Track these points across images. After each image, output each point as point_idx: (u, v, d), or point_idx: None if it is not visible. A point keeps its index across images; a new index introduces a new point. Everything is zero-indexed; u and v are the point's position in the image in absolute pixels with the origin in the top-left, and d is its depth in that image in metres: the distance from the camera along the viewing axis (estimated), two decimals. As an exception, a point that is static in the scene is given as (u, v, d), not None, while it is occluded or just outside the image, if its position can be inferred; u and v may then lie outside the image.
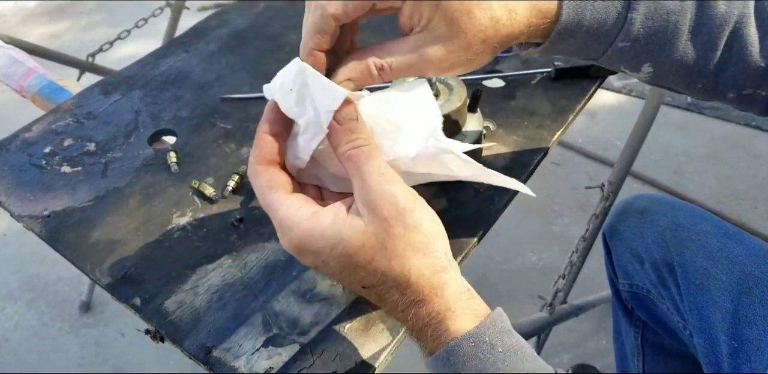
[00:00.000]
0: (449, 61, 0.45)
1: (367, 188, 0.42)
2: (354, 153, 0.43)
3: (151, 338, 0.57)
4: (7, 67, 0.81)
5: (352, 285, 0.45)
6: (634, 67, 0.51)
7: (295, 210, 0.43)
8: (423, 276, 0.42)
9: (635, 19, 0.47)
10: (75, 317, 1.51)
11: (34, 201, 0.67)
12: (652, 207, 0.82)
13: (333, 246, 0.42)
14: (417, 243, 0.42)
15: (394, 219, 0.42)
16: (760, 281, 0.65)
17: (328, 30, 0.45)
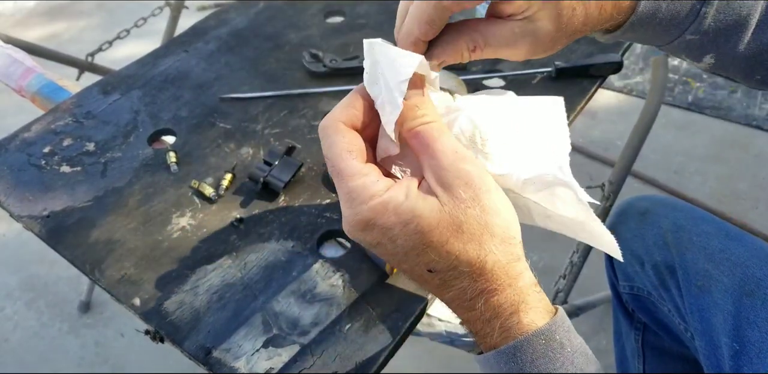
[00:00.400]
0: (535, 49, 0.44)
1: (441, 166, 0.40)
2: (422, 129, 0.40)
3: (151, 338, 0.57)
4: (6, 67, 0.81)
5: (414, 268, 0.41)
6: (697, 57, 0.50)
7: (371, 183, 0.40)
8: (499, 263, 0.40)
9: (708, 13, 0.46)
10: (74, 317, 1.51)
11: (34, 202, 0.66)
12: (652, 209, 0.82)
13: (406, 223, 0.39)
14: (495, 228, 0.40)
15: (471, 201, 0.39)
16: (762, 283, 0.65)
17: (439, 21, 0.42)
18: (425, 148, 0.40)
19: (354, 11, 0.91)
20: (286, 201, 0.66)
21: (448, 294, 0.41)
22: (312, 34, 0.87)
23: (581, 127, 1.87)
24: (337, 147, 0.40)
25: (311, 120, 0.75)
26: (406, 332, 0.55)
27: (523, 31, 0.44)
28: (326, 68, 0.79)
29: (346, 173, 0.40)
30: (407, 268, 0.42)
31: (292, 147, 0.68)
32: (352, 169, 0.40)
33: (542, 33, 0.44)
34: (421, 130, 0.41)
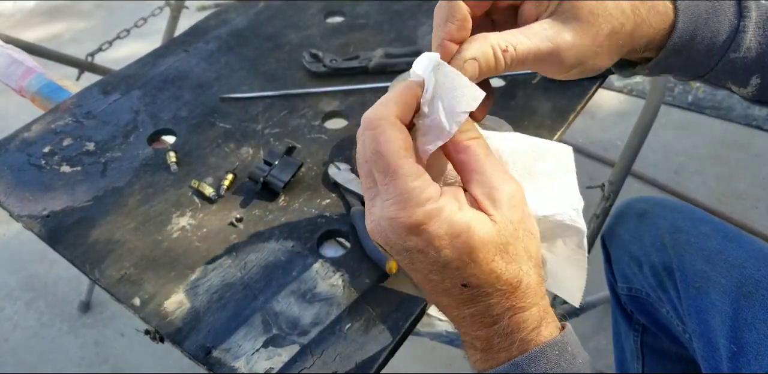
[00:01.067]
0: (575, 49, 0.42)
1: (493, 184, 0.39)
2: (472, 144, 0.40)
3: (151, 338, 0.57)
4: (6, 67, 0.81)
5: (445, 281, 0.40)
6: (743, 82, 0.49)
7: (427, 186, 0.38)
8: (531, 283, 0.40)
9: (747, 26, 0.46)
10: (74, 317, 1.51)
11: (34, 201, 0.66)
12: (650, 210, 0.82)
13: (457, 235, 0.37)
14: (532, 251, 0.40)
15: (518, 223, 0.39)
16: (760, 284, 0.65)
17: (461, 18, 0.41)
18: (474, 163, 0.40)
19: (354, 11, 0.91)
20: (286, 201, 0.66)
21: (471, 310, 0.41)
22: (312, 34, 0.87)
23: (581, 127, 1.87)
24: (394, 143, 0.38)
25: (311, 120, 0.75)
26: (406, 332, 0.55)
27: (552, 27, 0.42)
28: (326, 68, 0.79)
29: (403, 172, 0.38)
30: (437, 280, 0.40)
31: (292, 147, 0.68)
32: (410, 169, 0.38)
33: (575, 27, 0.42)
34: (471, 145, 0.40)
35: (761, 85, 0.50)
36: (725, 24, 0.46)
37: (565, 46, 0.42)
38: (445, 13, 0.41)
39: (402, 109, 0.39)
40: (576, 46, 0.42)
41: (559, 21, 0.42)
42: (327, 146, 0.71)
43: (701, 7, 0.46)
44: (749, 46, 0.47)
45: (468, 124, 0.41)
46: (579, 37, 0.42)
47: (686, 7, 0.46)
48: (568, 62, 0.43)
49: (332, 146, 0.71)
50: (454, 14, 0.41)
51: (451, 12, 0.41)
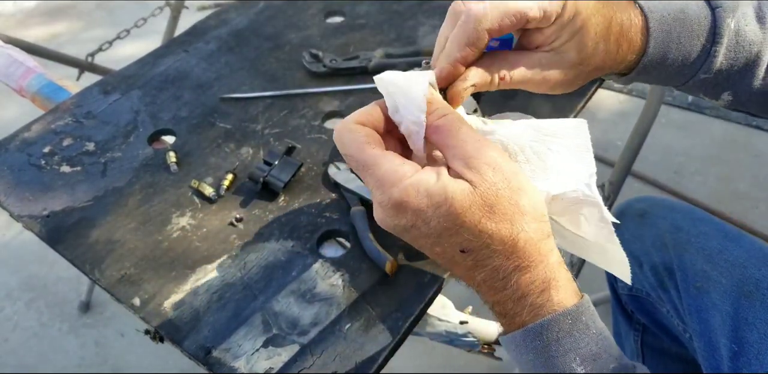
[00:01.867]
0: (558, 82, 0.47)
1: (468, 153, 0.40)
2: (441, 122, 0.41)
3: (151, 338, 0.57)
4: (6, 67, 0.81)
5: (447, 250, 0.41)
6: (714, 95, 0.52)
7: (399, 166, 0.40)
8: (531, 240, 0.41)
9: (718, 52, 0.49)
10: (74, 317, 1.51)
11: (34, 201, 0.66)
12: (651, 210, 0.82)
13: (439, 204, 0.39)
14: (525, 207, 0.41)
15: (501, 182, 0.40)
16: (761, 283, 0.65)
17: (480, 44, 0.44)
18: (449, 139, 0.41)
19: (354, 11, 0.91)
20: (285, 201, 0.66)
21: (480, 275, 0.42)
22: (312, 34, 0.87)
23: (581, 127, 1.87)
24: (354, 141, 0.41)
25: (311, 120, 0.75)
26: (406, 332, 0.55)
27: (549, 61, 0.47)
28: (326, 68, 0.79)
29: (369, 162, 0.41)
30: (440, 251, 0.42)
31: (292, 147, 0.68)
32: (374, 157, 0.41)
33: (568, 64, 0.47)
34: (441, 124, 0.41)
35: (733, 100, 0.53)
36: (697, 47, 0.49)
37: (553, 80, 0.47)
38: (467, 39, 0.44)
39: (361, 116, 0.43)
40: (562, 81, 0.48)
41: (557, 57, 0.47)
42: (327, 146, 0.71)
43: (673, 32, 0.49)
44: (720, 69, 0.50)
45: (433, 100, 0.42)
46: (566, 75, 0.47)
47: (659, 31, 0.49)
48: (554, 89, 0.49)
49: (332, 146, 0.71)
50: (476, 42, 0.44)
51: (475, 39, 0.44)
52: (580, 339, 0.40)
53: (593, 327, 0.41)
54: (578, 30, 0.46)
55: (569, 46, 0.46)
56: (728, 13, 0.49)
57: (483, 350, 0.88)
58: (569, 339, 0.40)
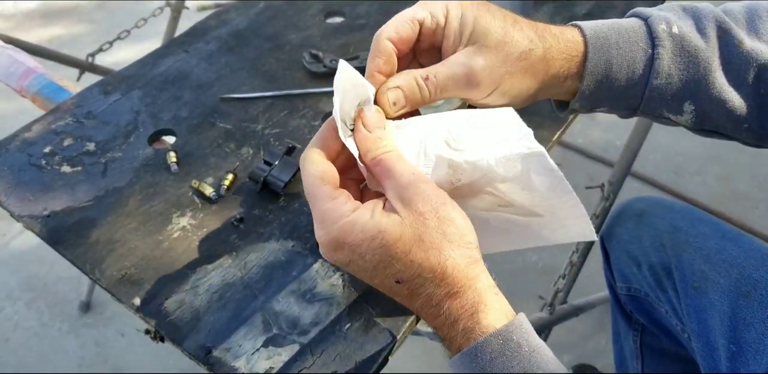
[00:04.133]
0: (487, 70, 0.48)
1: (401, 185, 0.44)
2: (384, 157, 0.46)
3: (151, 338, 0.57)
4: (7, 67, 0.81)
5: (384, 281, 0.45)
6: (677, 108, 0.53)
7: (340, 205, 0.45)
8: (458, 266, 0.43)
9: (662, 54, 0.50)
10: (75, 317, 1.51)
11: (34, 201, 0.67)
12: (649, 210, 0.82)
13: (372, 238, 0.43)
14: (452, 235, 0.44)
15: (429, 213, 0.43)
16: (759, 283, 0.65)
17: (386, 53, 0.49)
18: (387, 172, 0.45)
19: (354, 11, 0.91)
20: (286, 201, 0.66)
21: (417, 303, 0.45)
22: (312, 34, 0.87)
23: (581, 127, 1.87)
24: (311, 176, 0.46)
25: (311, 120, 0.75)
26: (406, 332, 0.55)
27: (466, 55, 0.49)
28: (326, 68, 0.79)
29: (319, 198, 0.45)
30: (378, 283, 0.46)
31: (292, 147, 0.69)
32: (323, 194, 0.45)
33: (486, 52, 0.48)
34: (383, 158, 0.46)
35: (697, 112, 0.53)
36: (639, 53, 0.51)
37: (478, 67, 0.48)
38: (373, 50, 0.49)
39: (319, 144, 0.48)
40: (488, 67, 0.48)
41: (472, 50, 0.49)
42: (327, 146, 0.71)
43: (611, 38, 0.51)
44: (669, 73, 0.51)
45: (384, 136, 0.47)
46: (489, 60, 0.48)
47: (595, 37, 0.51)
48: (484, 83, 0.49)
49: (332, 146, 0.71)
50: (380, 50, 0.49)
51: (378, 48, 0.49)
52: (512, 357, 0.42)
53: (525, 346, 0.42)
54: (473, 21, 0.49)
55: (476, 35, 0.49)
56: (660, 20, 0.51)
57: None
58: (501, 360, 0.42)
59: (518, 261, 1.54)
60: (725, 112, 0.52)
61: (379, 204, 0.45)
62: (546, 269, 1.51)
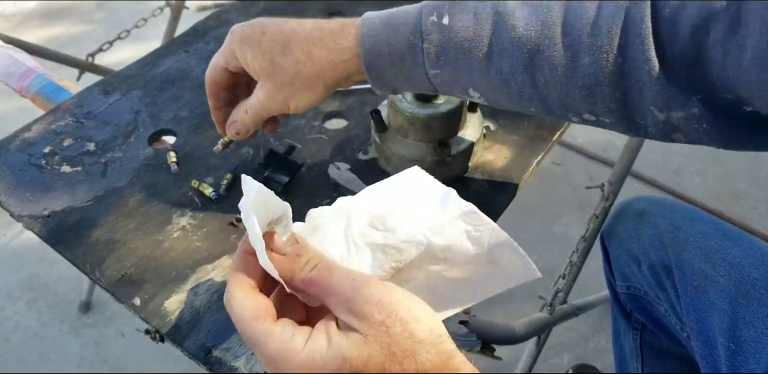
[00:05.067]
0: (277, 96, 0.55)
1: (347, 299, 0.39)
2: (314, 275, 0.41)
3: (151, 338, 0.57)
4: (6, 67, 0.81)
5: None
6: (464, 93, 0.52)
7: (288, 341, 0.39)
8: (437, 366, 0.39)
9: (430, 49, 0.49)
10: (75, 317, 1.51)
11: (34, 201, 0.67)
12: (649, 209, 0.82)
13: (339, 368, 0.38)
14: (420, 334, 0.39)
15: (389, 319, 0.38)
16: (758, 283, 0.65)
17: (213, 94, 0.59)
18: (325, 289, 0.40)
19: (354, 11, 0.91)
20: (285, 200, 0.66)
21: None
22: (312, 34, 0.87)
23: (581, 127, 1.86)
24: (241, 317, 0.40)
25: (311, 120, 0.75)
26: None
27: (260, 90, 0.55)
28: (326, 68, 0.79)
29: (260, 340, 0.39)
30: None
31: (292, 147, 0.69)
32: (262, 334, 0.39)
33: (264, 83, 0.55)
34: (312, 277, 0.41)
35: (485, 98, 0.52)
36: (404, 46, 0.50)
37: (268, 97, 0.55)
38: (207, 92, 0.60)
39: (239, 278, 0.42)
40: (271, 97, 0.55)
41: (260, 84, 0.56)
42: (327, 146, 0.71)
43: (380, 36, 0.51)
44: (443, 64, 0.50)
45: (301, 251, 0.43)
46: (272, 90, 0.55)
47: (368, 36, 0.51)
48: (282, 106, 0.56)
49: (332, 146, 0.71)
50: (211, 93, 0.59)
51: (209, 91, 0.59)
52: None
53: None
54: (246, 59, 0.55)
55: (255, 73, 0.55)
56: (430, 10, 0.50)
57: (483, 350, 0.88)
58: None
59: (518, 261, 1.53)
60: (507, 98, 0.51)
61: (332, 323, 0.40)
62: (546, 269, 1.50)
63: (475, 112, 0.66)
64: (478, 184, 0.65)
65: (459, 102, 0.62)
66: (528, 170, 0.66)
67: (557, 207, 1.66)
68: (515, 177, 0.66)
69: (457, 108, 0.61)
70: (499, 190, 0.65)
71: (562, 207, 1.66)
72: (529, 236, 1.59)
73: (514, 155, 0.68)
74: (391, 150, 0.64)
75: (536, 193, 1.68)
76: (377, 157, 0.68)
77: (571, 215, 1.64)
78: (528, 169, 0.66)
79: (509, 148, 0.69)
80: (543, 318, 1.20)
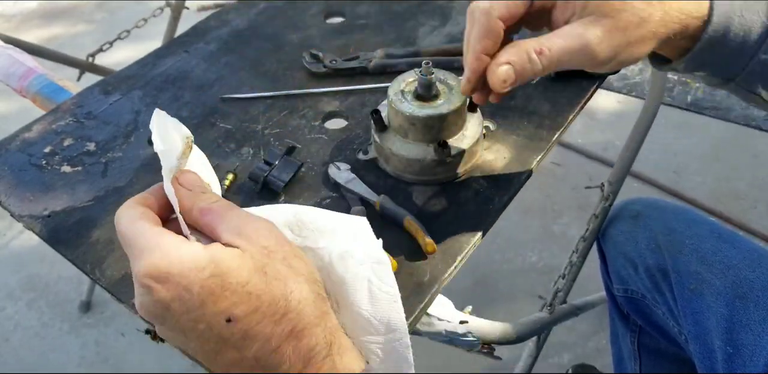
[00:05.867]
0: (605, 43, 0.45)
1: (238, 225, 0.39)
2: (214, 205, 0.41)
3: (151, 338, 0.57)
4: (7, 67, 0.81)
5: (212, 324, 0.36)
6: None
7: (162, 235, 0.38)
8: (306, 300, 0.37)
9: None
10: (75, 317, 1.52)
11: (34, 201, 0.67)
12: (645, 212, 0.82)
13: (203, 268, 0.36)
14: (300, 268, 0.38)
15: (274, 246, 0.38)
16: (755, 285, 0.65)
17: (495, 33, 0.46)
18: (220, 217, 0.40)
19: (354, 12, 0.91)
20: (286, 201, 0.66)
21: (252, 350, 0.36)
22: (312, 34, 0.87)
23: (580, 127, 1.87)
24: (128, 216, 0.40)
25: (311, 120, 0.75)
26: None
27: (581, 26, 0.45)
28: (326, 69, 0.79)
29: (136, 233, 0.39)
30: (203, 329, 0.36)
31: (293, 147, 0.69)
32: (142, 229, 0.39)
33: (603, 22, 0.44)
34: (213, 206, 0.41)
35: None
36: (757, 24, 0.47)
37: (596, 40, 0.44)
38: (482, 30, 0.46)
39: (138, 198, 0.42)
40: (606, 39, 0.44)
41: (588, 21, 0.45)
42: (327, 146, 0.72)
43: (735, 4, 0.47)
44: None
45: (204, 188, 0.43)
46: (608, 31, 0.44)
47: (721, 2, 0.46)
48: (602, 55, 0.45)
49: (332, 146, 0.71)
50: (491, 31, 0.46)
51: (488, 28, 0.46)
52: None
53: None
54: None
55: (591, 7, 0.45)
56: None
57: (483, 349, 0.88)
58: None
59: (518, 261, 1.54)
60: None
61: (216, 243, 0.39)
62: (546, 269, 1.51)
63: (475, 112, 0.66)
64: (478, 184, 0.65)
65: (459, 102, 0.62)
66: (527, 170, 0.67)
67: (557, 207, 1.66)
68: (515, 177, 0.66)
69: (457, 108, 0.61)
70: (498, 190, 0.65)
71: (562, 207, 1.66)
72: (529, 236, 1.60)
73: (514, 155, 0.68)
74: (391, 150, 0.64)
75: (536, 193, 1.68)
76: (377, 157, 0.68)
77: (570, 215, 1.64)
78: (528, 168, 0.67)
79: (509, 148, 0.69)
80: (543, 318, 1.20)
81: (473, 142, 0.64)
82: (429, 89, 0.62)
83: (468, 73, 0.49)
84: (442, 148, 0.61)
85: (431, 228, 0.61)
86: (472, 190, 0.65)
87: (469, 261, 0.61)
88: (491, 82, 0.46)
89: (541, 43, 0.45)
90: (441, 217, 0.62)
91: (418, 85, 0.62)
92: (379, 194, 0.64)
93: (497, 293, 1.45)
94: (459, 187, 0.65)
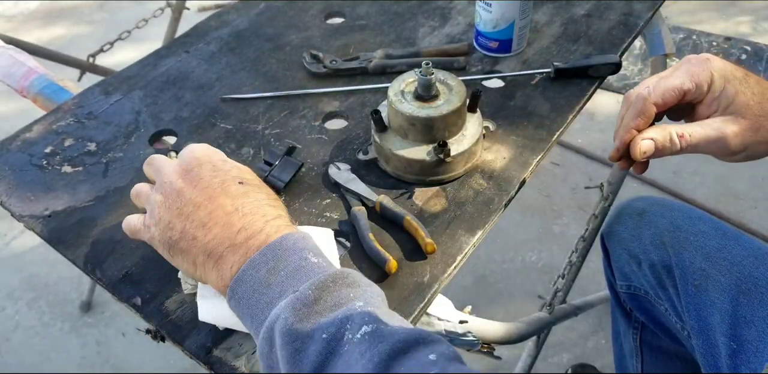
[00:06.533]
0: (739, 138, 0.55)
1: None
2: None
3: (152, 337, 0.58)
4: (8, 68, 0.81)
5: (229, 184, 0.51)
6: None
7: None
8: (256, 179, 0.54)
9: None
10: (76, 317, 1.52)
11: (35, 201, 0.67)
12: (650, 209, 0.82)
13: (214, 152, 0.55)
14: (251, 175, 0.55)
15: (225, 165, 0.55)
16: (759, 282, 0.65)
17: (648, 114, 0.57)
18: None
19: (354, 12, 0.91)
20: (286, 201, 0.66)
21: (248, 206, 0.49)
22: (312, 34, 0.88)
23: (580, 127, 1.87)
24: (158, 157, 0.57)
25: (311, 120, 0.75)
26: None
27: (722, 122, 0.55)
28: (326, 69, 0.80)
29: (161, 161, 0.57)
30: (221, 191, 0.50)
31: (293, 147, 0.69)
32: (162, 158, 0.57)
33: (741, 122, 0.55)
34: None
35: None
36: None
37: (732, 135, 0.55)
38: (637, 111, 0.57)
39: None
40: (740, 135, 0.55)
41: (729, 118, 0.55)
42: (327, 146, 0.72)
43: None
44: None
45: None
46: (744, 130, 0.55)
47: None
48: (734, 148, 0.55)
49: (332, 146, 0.72)
50: (645, 112, 0.57)
51: (644, 110, 0.57)
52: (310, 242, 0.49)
53: None
54: (734, 94, 0.55)
55: (733, 108, 0.55)
56: None
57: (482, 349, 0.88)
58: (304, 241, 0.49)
59: (518, 261, 1.54)
60: None
61: None
62: (546, 269, 1.51)
63: (475, 113, 0.66)
64: (477, 184, 0.66)
65: (459, 102, 0.62)
66: (527, 170, 0.67)
67: (557, 207, 1.67)
68: (515, 177, 0.66)
69: (457, 108, 0.62)
70: (498, 190, 0.65)
71: (562, 207, 1.66)
72: (529, 236, 1.60)
73: (513, 155, 0.68)
74: (391, 150, 0.64)
75: (536, 193, 1.68)
76: (377, 157, 0.68)
77: (570, 215, 1.64)
78: (527, 169, 0.67)
79: (509, 148, 0.69)
80: (542, 318, 1.20)
81: (473, 142, 0.65)
82: (429, 89, 0.62)
83: (618, 143, 0.60)
84: (442, 149, 0.61)
85: (431, 228, 0.61)
86: (472, 190, 0.65)
87: (469, 261, 0.61)
88: (632, 150, 0.57)
89: (683, 129, 0.55)
90: (441, 217, 0.63)
91: (418, 86, 0.62)
92: (379, 194, 0.64)
93: (497, 293, 1.45)
94: (459, 187, 0.65)
